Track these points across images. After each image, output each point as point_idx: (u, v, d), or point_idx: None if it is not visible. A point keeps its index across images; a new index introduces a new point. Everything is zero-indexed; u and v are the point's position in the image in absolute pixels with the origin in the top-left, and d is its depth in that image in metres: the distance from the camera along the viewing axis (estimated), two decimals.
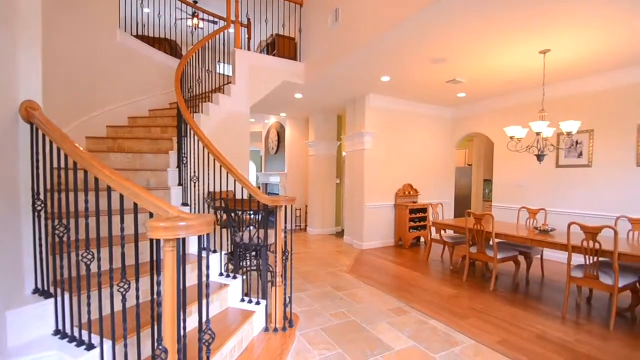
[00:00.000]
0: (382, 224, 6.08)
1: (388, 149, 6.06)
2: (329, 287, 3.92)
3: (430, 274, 4.45)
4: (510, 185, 5.64)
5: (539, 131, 3.54)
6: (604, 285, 2.84)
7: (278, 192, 8.58)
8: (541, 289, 3.83)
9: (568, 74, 4.46)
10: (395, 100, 5.99)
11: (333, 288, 3.89)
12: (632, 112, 4.17)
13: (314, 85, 5.21)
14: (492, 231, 3.73)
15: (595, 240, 2.82)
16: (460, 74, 4.55)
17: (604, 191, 4.43)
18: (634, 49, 3.60)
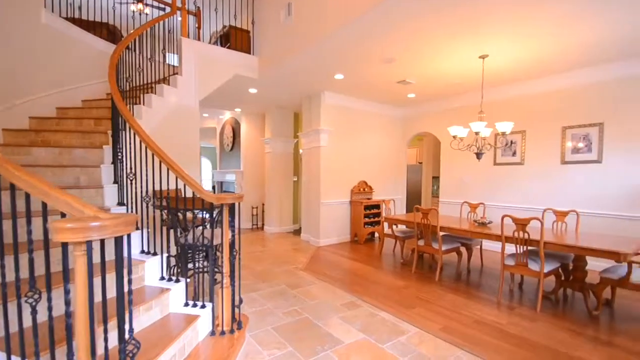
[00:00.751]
0: (339, 220, 6.16)
1: (344, 147, 6.15)
2: (283, 286, 3.87)
3: (383, 267, 4.60)
4: (455, 181, 6.04)
5: (477, 131, 3.81)
6: (532, 271, 3.14)
7: (234, 190, 8.31)
8: (480, 277, 4.15)
9: (504, 79, 4.87)
10: (350, 99, 6.08)
11: (287, 286, 3.84)
12: (557, 115, 4.67)
13: (269, 80, 5.10)
14: (437, 225, 3.95)
15: (525, 231, 3.11)
16: (410, 75, 4.75)
17: (534, 186, 4.92)
18: (559, 59, 4.02)
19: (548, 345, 2.51)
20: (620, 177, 4.07)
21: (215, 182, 9.75)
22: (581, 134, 4.42)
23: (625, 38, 3.39)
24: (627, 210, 4.01)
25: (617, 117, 4.10)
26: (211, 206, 2.17)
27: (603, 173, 4.22)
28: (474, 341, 2.57)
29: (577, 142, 4.47)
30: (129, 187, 2.53)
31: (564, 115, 4.60)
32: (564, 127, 4.59)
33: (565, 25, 3.15)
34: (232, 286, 2.29)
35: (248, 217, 8.01)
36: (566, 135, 4.57)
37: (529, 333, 2.69)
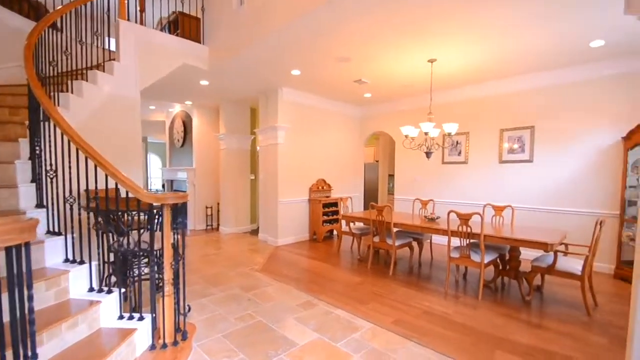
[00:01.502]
0: (297, 219, 6.09)
1: (302, 144, 6.08)
2: (237, 289, 3.70)
3: (340, 264, 4.62)
4: (408, 179, 6.29)
5: (427, 131, 3.98)
6: (474, 262, 3.35)
7: (185, 189, 7.82)
8: (430, 269, 4.36)
9: (451, 83, 5.15)
10: (308, 96, 6.02)
11: (242, 289, 3.68)
12: (496, 118, 5.06)
13: (221, 72, 4.85)
14: (391, 222, 4.06)
15: (467, 225, 3.30)
16: (365, 75, 4.82)
17: (477, 184, 5.29)
18: (499, 66, 4.34)
19: (488, 331, 2.68)
20: (548, 175, 4.53)
21: (165, 181, 9.11)
22: (516, 136, 4.84)
23: (550, 51, 3.75)
24: (554, 205, 4.48)
25: (545, 121, 4.55)
26: (150, 207, 1.96)
27: (534, 171, 4.66)
28: (423, 332, 2.67)
29: (512, 144, 4.88)
30: (50, 186, 2.20)
31: (501, 119, 4.99)
32: (501, 129, 4.99)
33: (506, 36, 3.39)
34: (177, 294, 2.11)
35: (202, 217, 7.60)
36: (503, 137, 4.97)
37: (472, 320, 2.86)
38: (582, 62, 4.03)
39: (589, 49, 3.65)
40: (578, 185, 4.27)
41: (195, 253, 5.35)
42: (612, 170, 3.98)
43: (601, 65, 4.00)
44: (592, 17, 2.99)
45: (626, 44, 3.46)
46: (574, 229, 4.25)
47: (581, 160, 4.24)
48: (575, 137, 4.29)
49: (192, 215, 7.58)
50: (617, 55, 3.78)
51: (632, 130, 3.65)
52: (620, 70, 3.90)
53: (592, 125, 4.15)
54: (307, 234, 6.27)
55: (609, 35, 3.30)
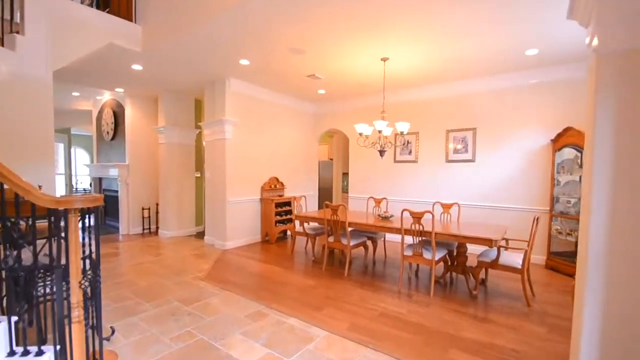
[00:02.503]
0: (248, 220, 5.72)
1: (253, 140, 5.72)
2: (175, 303, 3.27)
3: (294, 267, 4.41)
4: (362, 177, 6.31)
5: (380, 129, 3.95)
6: (426, 260, 3.38)
7: (117, 188, 6.94)
8: (384, 267, 4.35)
9: (403, 83, 5.24)
10: (260, 89, 5.68)
11: (181, 302, 3.27)
12: (443, 119, 5.27)
13: (157, 56, 4.30)
14: (346, 221, 3.95)
15: (420, 224, 3.32)
16: (319, 71, 4.65)
17: (426, 182, 5.46)
18: (445, 70, 4.49)
19: (441, 329, 2.69)
20: (488, 174, 4.83)
21: (93, 179, 8.01)
22: (460, 137, 5.08)
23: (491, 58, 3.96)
24: (494, 201, 4.79)
25: (486, 123, 4.84)
26: (51, 212, 1.54)
27: (476, 170, 4.94)
28: (379, 336, 2.58)
29: (457, 144, 5.12)
30: None
31: (448, 120, 5.21)
32: (448, 130, 5.21)
33: (454, 40, 3.47)
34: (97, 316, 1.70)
35: (137, 220, 6.80)
36: (449, 138, 5.19)
37: (425, 319, 2.86)
38: (517, 69, 4.34)
39: (524, 57, 3.92)
40: (514, 184, 4.62)
41: (127, 262, 4.71)
42: (543, 170, 4.36)
43: (534, 72, 4.36)
44: (528, 27, 3.18)
45: (556, 53, 3.78)
46: (511, 223, 4.57)
47: (517, 161, 4.59)
48: (511, 139, 4.63)
49: (125, 218, 6.74)
50: (547, 64, 4.12)
51: (559, 134, 4.02)
52: (551, 78, 4.28)
53: (526, 128, 4.51)
54: (258, 235, 5.94)
55: (542, 44, 3.56)
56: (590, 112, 1.50)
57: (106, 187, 7.57)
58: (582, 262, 1.57)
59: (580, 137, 3.72)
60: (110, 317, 2.90)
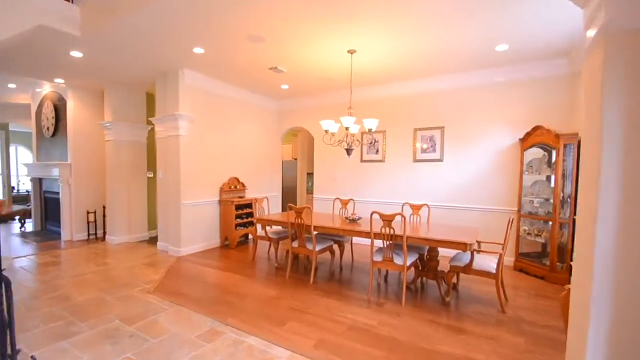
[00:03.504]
0: (205, 223, 5.16)
1: (211, 138, 5.17)
2: (116, 322, 2.73)
3: (255, 275, 3.96)
4: (328, 178, 5.98)
5: (347, 126, 3.64)
6: (397, 265, 3.12)
7: (58, 189, 6.03)
8: (352, 273, 4.05)
9: (370, 79, 4.98)
10: (218, 83, 5.14)
11: (123, 321, 2.73)
12: (411, 117, 5.08)
13: (99, 42, 3.65)
14: (311, 224, 3.60)
15: (390, 227, 3.04)
16: (282, 63, 4.24)
17: (394, 182, 5.26)
18: (414, 66, 4.28)
19: (415, 343, 2.41)
20: (457, 174, 4.71)
21: (32, 179, 6.94)
22: (428, 136, 4.93)
23: (461, 52, 3.81)
24: (463, 202, 4.67)
25: (454, 121, 4.72)
26: None
27: (444, 170, 4.81)
28: (349, 354, 2.25)
29: (425, 143, 4.96)
30: None
31: (415, 118, 5.04)
32: (415, 128, 5.04)
33: (423, 31, 3.24)
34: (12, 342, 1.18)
35: (81, 224, 5.95)
36: (417, 136, 5.03)
37: (398, 332, 2.58)
38: (487, 66, 4.23)
39: (494, 53, 3.80)
40: (483, 184, 4.53)
41: (66, 273, 4.01)
42: (512, 170, 4.30)
43: (504, 70, 4.27)
44: (499, 19, 3.03)
45: (527, 50, 3.69)
46: (480, 224, 4.48)
47: (485, 160, 4.50)
48: (480, 138, 4.53)
49: (67, 223, 5.87)
50: (518, 61, 4.04)
51: (528, 133, 3.96)
52: (520, 75, 4.22)
53: (495, 127, 4.42)
54: (217, 240, 5.39)
55: (512, 40, 3.44)
56: (593, 101, 1.26)
57: (47, 188, 6.58)
58: (584, 275, 1.33)
59: (549, 135, 3.66)
60: (35, 342, 2.37)
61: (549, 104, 4.07)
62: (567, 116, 3.96)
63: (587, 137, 1.36)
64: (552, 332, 2.59)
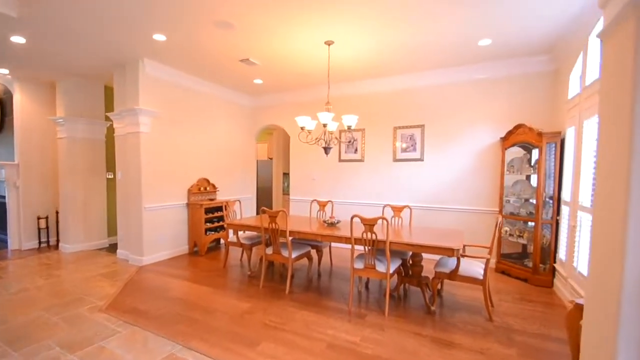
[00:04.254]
0: (171, 229, 4.67)
1: (178, 136, 4.69)
2: (56, 349, 2.29)
3: (226, 285, 3.57)
4: (305, 178, 5.66)
5: (325, 122, 3.34)
6: (380, 273, 2.85)
7: (4, 192, 5.31)
8: (331, 281, 3.74)
9: (349, 75, 4.71)
10: (185, 76, 4.67)
11: (65, 348, 2.29)
12: (390, 115, 4.86)
13: (43, 25, 3.12)
14: (286, 229, 3.26)
15: (372, 232, 2.78)
16: (254, 54, 3.87)
17: (374, 183, 5.02)
18: (393, 61, 4.05)
19: None
20: (438, 173, 4.54)
21: None
22: (408, 134, 4.73)
23: (443, 47, 3.62)
24: (444, 203, 4.50)
25: (435, 120, 4.54)
26: None
27: (425, 170, 4.62)
28: None
29: (405, 142, 4.76)
30: None
31: (395, 116, 4.82)
32: (395, 127, 4.82)
33: (404, 22, 2.99)
34: None
35: (31, 231, 5.26)
36: (397, 135, 4.81)
37: (383, 349, 2.30)
38: (469, 62, 4.06)
39: (477, 48, 3.63)
40: (464, 184, 4.37)
41: (7, 288, 3.46)
42: (493, 169, 4.17)
43: (485, 66, 4.11)
44: (483, 12, 2.84)
45: (510, 45, 3.53)
46: (463, 226, 4.33)
47: (466, 159, 4.34)
48: (461, 137, 4.37)
49: (15, 230, 5.19)
50: (500, 57, 3.89)
51: (510, 131, 3.82)
52: (501, 73, 4.09)
53: (476, 125, 4.28)
54: (185, 246, 4.92)
55: (495, 34, 3.28)
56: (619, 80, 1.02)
57: None
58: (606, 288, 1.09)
59: (531, 134, 3.53)
60: None
61: (531, 102, 3.97)
62: (549, 114, 3.88)
63: (610, 120, 1.13)
64: (544, 341, 2.42)
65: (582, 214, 2.81)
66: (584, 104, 2.88)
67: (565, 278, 3.09)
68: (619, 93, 1.06)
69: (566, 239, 3.20)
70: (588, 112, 2.80)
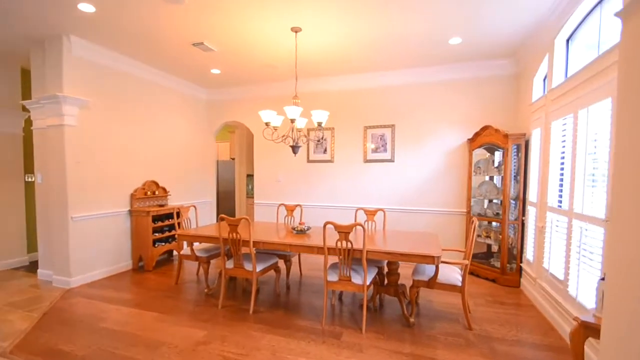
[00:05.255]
0: (110, 241, 3.92)
1: (116, 130, 3.95)
2: None
3: (177, 308, 2.99)
4: (271, 180, 5.19)
5: (293, 117, 2.94)
6: (356, 285, 2.54)
7: None
8: (301, 294, 3.34)
9: (318, 70, 4.37)
10: (124, 60, 3.93)
11: None
12: (361, 114, 4.60)
13: None
14: (249, 239, 2.81)
15: (347, 240, 2.46)
16: (210, 38, 3.34)
17: (345, 185, 4.72)
18: (363, 56, 3.79)
19: None
20: (407, 175, 4.38)
21: None
22: (378, 134, 4.52)
23: (414, 44, 3.44)
24: (415, 205, 4.34)
25: (405, 120, 4.38)
26: None
27: (395, 171, 4.44)
28: None
29: (375, 142, 4.54)
30: None
31: (365, 115, 4.59)
32: (365, 126, 4.59)
33: (377, 10, 2.73)
34: None
35: None
36: (367, 135, 4.58)
37: None
38: (439, 61, 3.94)
39: (447, 47, 3.51)
40: (434, 185, 4.25)
41: None
42: (462, 170, 4.10)
43: (454, 67, 4.03)
44: (457, 8, 2.69)
45: (479, 45, 3.45)
46: (434, 228, 4.22)
47: (436, 160, 4.23)
48: (430, 137, 4.25)
49: None
50: (468, 58, 3.82)
51: (477, 132, 3.77)
52: (469, 74, 4.04)
53: (445, 126, 4.18)
54: (128, 261, 4.17)
55: (466, 32, 3.17)
56: None
57: None
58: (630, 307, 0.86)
59: (498, 135, 3.49)
60: None
61: (495, 104, 3.97)
62: (512, 117, 3.90)
63: (628, 109, 0.91)
64: (524, 349, 2.29)
65: (552, 215, 2.77)
66: (551, 106, 2.86)
67: (534, 279, 3.06)
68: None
69: (533, 240, 3.19)
70: (555, 114, 2.77)
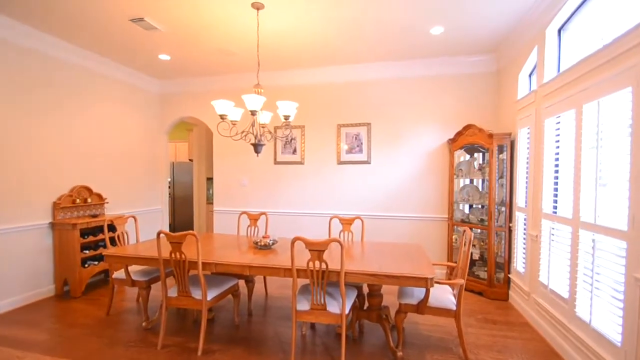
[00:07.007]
0: (23, 262, 3.08)
1: (30, 125, 3.13)
2: None
3: (101, 352, 2.29)
4: (233, 184, 4.55)
5: (254, 109, 2.40)
6: (332, 315, 2.03)
7: None
8: (265, 321, 2.77)
9: (285, 61, 3.85)
10: (45, 38, 3.14)
11: None
12: (334, 111, 4.13)
13: None
14: (198, 260, 2.21)
15: (322, 259, 1.96)
16: (153, 13, 2.70)
17: (316, 188, 4.21)
18: (337, 47, 3.35)
19: None
20: (385, 177, 3.97)
21: None
22: (354, 133, 4.09)
23: (393, 34, 3.05)
24: (392, 210, 3.94)
25: (381, 118, 3.98)
26: None
27: (372, 174, 4.01)
28: None
29: (350, 142, 4.10)
30: None
31: (339, 112, 4.12)
32: (339, 124, 4.13)
33: None
34: None
35: None
36: (341, 134, 4.13)
37: None
38: (419, 53, 3.55)
39: (429, 37, 3.15)
40: (414, 189, 3.85)
41: None
42: (443, 173, 3.76)
43: (434, 62, 3.69)
44: None
45: (462, 37, 3.13)
46: (415, 236, 3.84)
47: (415, 162, 3.85)
48: (409, 137, 3.87)
49: None
50: (449, 52, 3.49)
51: (459, 132, 3.44)
52: (450, 70, 3.71)
53: (425, 125, 3.82)
54: (50, 286, 3.33)
55: (448, 21, 2.82)
56: None
57: None
58: None
59: (481, 135, 3.18)
60: None
61: (477, 102, 3.69)
62: (495, 115, 3.65)
63: None
64: None
65: (549, 223, 2.47)
66: (543, 102, 2.58)
67: (527, 293, 2.76)
68: None
69: (523, 249, 2.90)
70: (549, 111, 2.49)
